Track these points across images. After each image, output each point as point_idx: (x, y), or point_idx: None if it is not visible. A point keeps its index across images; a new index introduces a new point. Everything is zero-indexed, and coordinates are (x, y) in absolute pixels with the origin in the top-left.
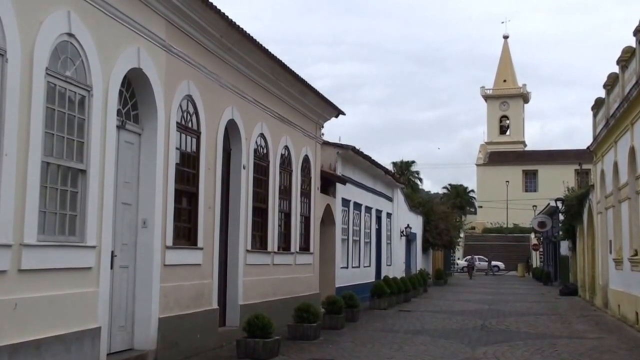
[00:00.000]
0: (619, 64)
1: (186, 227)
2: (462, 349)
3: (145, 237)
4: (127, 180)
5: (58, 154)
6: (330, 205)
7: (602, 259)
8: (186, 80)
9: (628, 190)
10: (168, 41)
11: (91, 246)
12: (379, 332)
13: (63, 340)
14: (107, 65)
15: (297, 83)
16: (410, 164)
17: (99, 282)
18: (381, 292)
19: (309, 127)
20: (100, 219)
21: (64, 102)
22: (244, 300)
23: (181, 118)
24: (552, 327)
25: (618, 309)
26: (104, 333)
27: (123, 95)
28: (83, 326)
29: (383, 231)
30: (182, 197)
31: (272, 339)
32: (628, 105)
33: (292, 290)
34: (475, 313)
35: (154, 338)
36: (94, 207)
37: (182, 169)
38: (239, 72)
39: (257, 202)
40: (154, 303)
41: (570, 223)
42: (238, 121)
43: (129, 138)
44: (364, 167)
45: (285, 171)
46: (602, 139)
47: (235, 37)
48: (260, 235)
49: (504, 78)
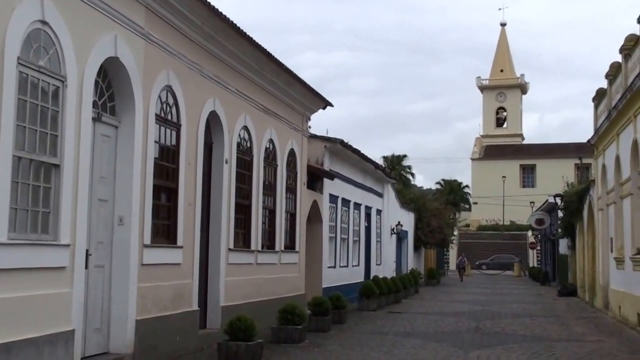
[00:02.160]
0: (621, 52)
1: (165, 224)
2: (455, 352)
3: (122, 235)
4: (103, 175)
5: (30, 148)
6: (317, 202)
7: (602, 257)
8: (166, 70)
9: (630, 186)
10: (147, 29)
11: (65, 245)
12: (367, 335)
13: (35, 344)
14: (83, 54)
15: (282, 73)
16: (401, 158)
17: (73, 282)
18: (370, 293)
19: (295, 119)
20: (74, 216)
21: (36, 93)
22: (226, 301)
23: (160, 110)
24: (550, 329)
25: (619, 310)
26: (78, 336)
27: (99, 86)
28: (56, 329)
29: (373, 229)
30: (161, 193)
31: (255, 342)
32: (631, 95)
33: (277, 290)
34: (468, 314)
35: (131, 341)
36: (68, 203)
37: (161, 163)
38: (222, 61)
39: (240, 198)
40: (131, 304)
41: (570, 220)
42: (220, 113)
43: (105, 131)
44: (353, 161)
45: (269, 166)
46: (604, 132)
47: (218, 25)
48: (243, 233)
49: (501, 68)
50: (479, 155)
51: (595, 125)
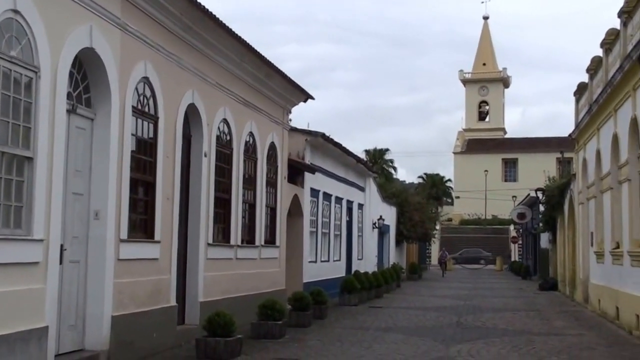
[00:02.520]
0: (602, 47)
1: (142, 218)
2: (436, 346)
3: (98, 230)
4: (78, 168)
5: (2, 141)
6: (298, 196)
7: (583, 252)
8: (143, 61)
9: (610, 180)
10: (123, 19)
11: (38, 239)
12: (348, 330)
13: (7, 341)
14: (56, 44)
15: (263, 65)
16: (384, 152)
17: (46, 278)
18: (351, 288)
19: (276, 112)
20: (48, 211)
21: (8, 84)
22: (205, 296)
23: (137, 102)
24: (530, 323)
25: (598, 304)
26: (51, 332)
27: (74, 77)
28: (29, 325)
29: (354, 223)
30: (138, 187)
31: (234, 337)
32: (612, 90)
33: (257, 286)
34: (450, 309)
35: (107, 337)
36: (42, 197)
37: (138, 156)
38: (201, 53)
39: (220, 192)
40: (107, 300)
41: (551, 214)
42: (199, 105)
43: (80, 123)
44: (335, 155)
45: (250, 159)
46: (585, 126)
47: (196, 15)
48: (223, 227)
49: (484, 61)
50: (461, 149)
51: (576, 120)
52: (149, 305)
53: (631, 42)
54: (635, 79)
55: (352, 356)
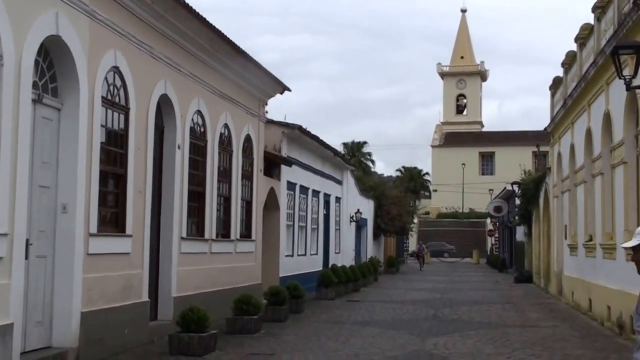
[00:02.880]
0: (577, 41)
1: (113, 212)
2: (412, 340)
3: (66, 224)
4: (44, 160)
5: None
6: (275, 189)
7: (557, 244)
8: (113, 50)
9: (584, 174)
10: (92, 6)
11: (2, 234)
12: (324, 324)
13: None
14: (20, 31)
15: (238, 56)
16: (362, 145)
17: (11, 273)
18: (328, 282)
19: (252, 104)
20: (12, 204)
21: None
22: (178, 291)
23: (107, 92)
24: (505, 316)
25: (572, 296)
26: (17, 330)
27: (40, 66)
28: None
29: (331, 217)
30: (108, 180)
31: (208, 333)
32: (585, 84)
33: (232, 280)
34: (427, 302)
35: (76, 334)
36: (6, 190)
37: (109, 148)
38: (173, 42)
39: (194, 185)
40: (76, 296)
41: (527, 208)
42: (172, 96)
43: (46, 113)
44: (312, 147)
45: (224, 152)
46: (559, 120)
47: (168, 4)
48: (197, 221)
49: (462, 54)
50: (439, 143)
51: (551, 114)
52: (120, 300)
53: (604, 37)
54: (608, 74)
55: (328, 350)
